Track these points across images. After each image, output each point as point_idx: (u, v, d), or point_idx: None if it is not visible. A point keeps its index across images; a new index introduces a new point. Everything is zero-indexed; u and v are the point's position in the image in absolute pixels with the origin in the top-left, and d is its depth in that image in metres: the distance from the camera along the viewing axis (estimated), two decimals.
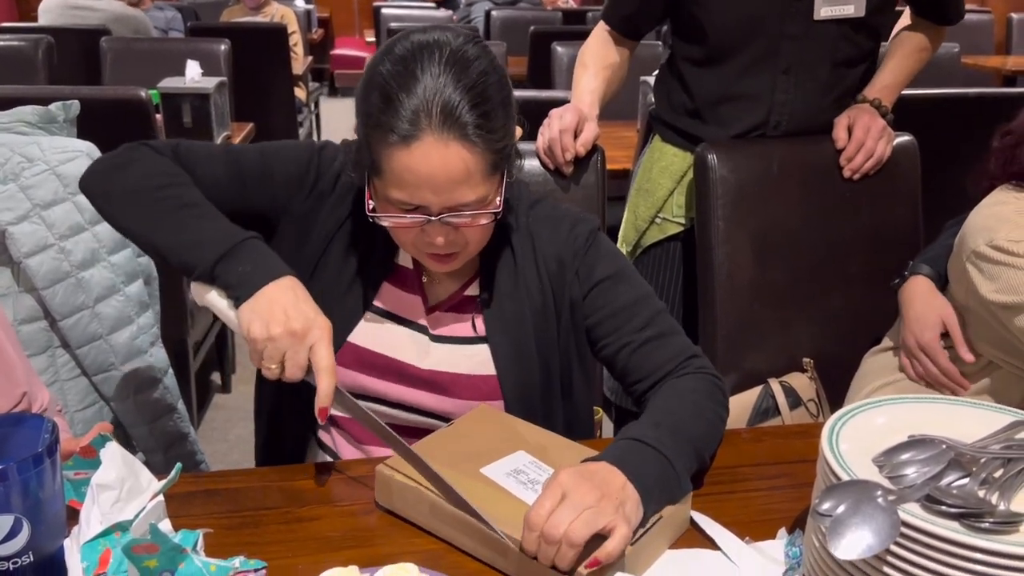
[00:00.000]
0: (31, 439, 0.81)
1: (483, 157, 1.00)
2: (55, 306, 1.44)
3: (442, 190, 0.99)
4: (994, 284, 1.28)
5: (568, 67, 3.28)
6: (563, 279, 1.16)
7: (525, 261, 1.16)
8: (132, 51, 3.30)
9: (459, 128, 0.97)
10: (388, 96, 0.98)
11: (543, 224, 1.18)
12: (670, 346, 1.13)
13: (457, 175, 0.98)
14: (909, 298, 1.47)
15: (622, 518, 0.85)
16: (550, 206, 1.22)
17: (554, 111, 1.52)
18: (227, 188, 1.14)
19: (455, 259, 1.09)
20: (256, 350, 0.98)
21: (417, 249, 1.08)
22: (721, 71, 1.61)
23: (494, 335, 1.14)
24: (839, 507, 0.75)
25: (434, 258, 1.08)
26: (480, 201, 1.02)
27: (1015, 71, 4.37)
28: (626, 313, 1.14)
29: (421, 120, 0.96)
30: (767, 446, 1.17)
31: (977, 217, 1.35)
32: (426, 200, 1.00)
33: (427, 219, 1.02)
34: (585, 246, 1.17)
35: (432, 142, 0.97)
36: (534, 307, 1.15)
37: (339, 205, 1.16)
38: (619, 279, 1.16)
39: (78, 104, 1.59)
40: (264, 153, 1.17)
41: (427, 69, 0.98)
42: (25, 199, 1.43)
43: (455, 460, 0.98)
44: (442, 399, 1.15)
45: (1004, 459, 0.82)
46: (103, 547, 0.80)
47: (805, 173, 1.64)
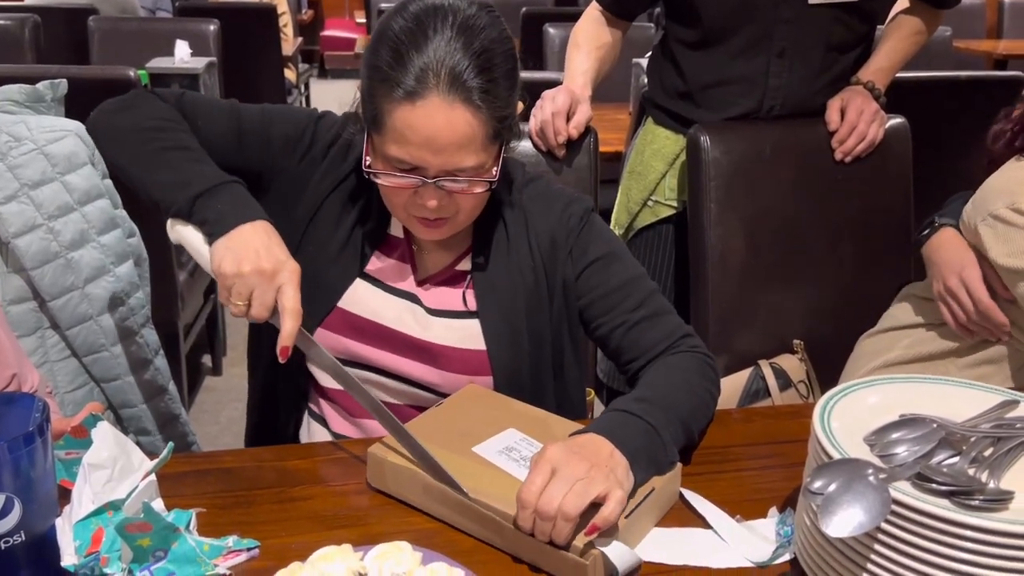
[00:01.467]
0: (22, 418, 0.81)
1: (486, 123, 1.00)
2: (44, 287, 1.43)
3: (442, 151, 0.99)
4: (1007, 247, 1.28)
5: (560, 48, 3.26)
6: (556, 258, 1.16)
7: (518, 238, 1.16)
8: (120, 31, 3.27)
9: (465, 91, 0.98)
10: (398, 51, 0.98)
11: (537, 202, 1.18)
12: (663, 325, 1.14)
13: (459, 138, 0.99)
14: (937, 247, 1.43)
15: (615, 483, 0.86)
16: (544, 184, 1.22)
17: (546, 93, 1.52)
18: (225, 142, 1.15)
19: (444, 226, 1.08)
20: (225, 286, 0.99)
21: (407, 213, 1.08)
22: (715, 54, 1.60)
23: (485, 310, 1.14)
24: (830, 485, 0.75)
25: (423, 223, 1.08)
26: (477, 168, 1.02)
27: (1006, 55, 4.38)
28: (620, 293, 1.15)
29: (429, 78, 0.97)
30: (758, 426, 1.18)
31: (997, 180, 1.33)
32: (424, 161, 1.00)
33: (422, 181, 1.02)
34: (579, 226, 1.17)
35: (438, 102, 0.97)
36: (526, 284, 1.15)
37: (331, 171, 1.16)
38: (613, 259, 1.17)
39: (66, 83, 1.57)
40: (265, 112, 1.18)
41: (439, 31, 0.99)
42: (13, 179, 1.41)
43: (446, 439, 0.98)
44: (431, 370, 1.15)
45: (994, 438, 0.83)
46: (95, 526, 0.80)
47: (798, 155, 1.64)
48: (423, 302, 1.16)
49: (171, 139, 1.10)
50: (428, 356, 1.15)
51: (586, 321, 1.18)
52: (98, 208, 1.50)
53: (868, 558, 0.76)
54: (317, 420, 1.23)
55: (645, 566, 0.88)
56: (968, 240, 1.38)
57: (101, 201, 1.51)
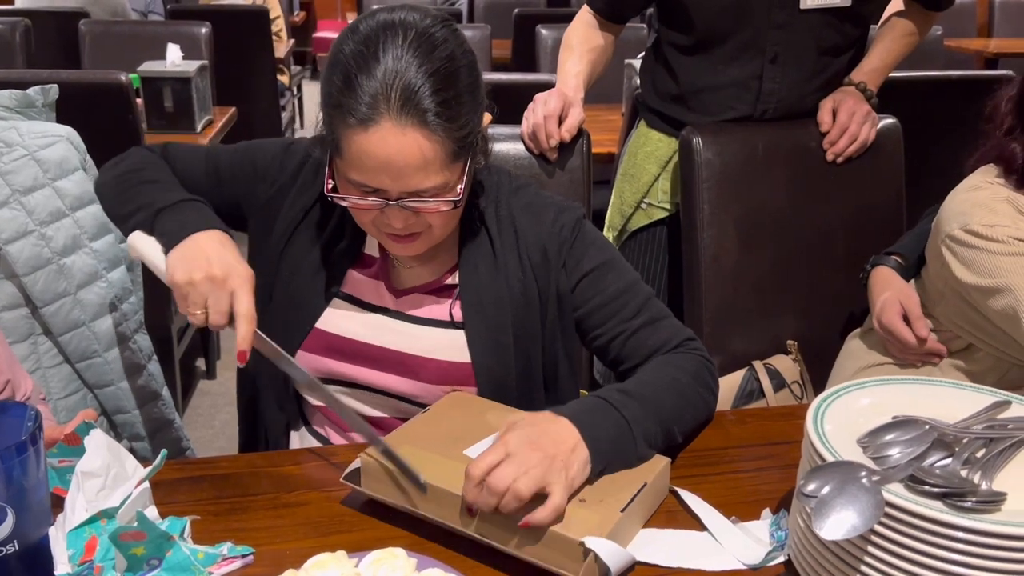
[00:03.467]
0: (14, 427, 0.81)
1: (443, 145, 0.98)
2: (36, 293, 1.43)
3: (400, 176, 0.98)
4: (968, 267, 1.30)
5: (553, 50, 3.26)
6: (548, 270, 1.14)
7: (506, 250, 1.14)
8: (111, 34, 3.25)
9: (418, 114, 0.96)
10: (348, 77, 0.97)
11: (525, 212, 1.16)
12: (663, 330, 1.13)
13: (414, 161, 0.97)
14: (871, 286, 1.50)
15: (563, 484, 0.87)
16: (533, 193, 1.20)
17: (539, 96, 1.52)
18: (203, 180, 1.20)
19: (416, 240, 1.07)
20: (180, 295, 1.00)
21: (378, 230, 1.08)
22: (707, 58, 1.61)
23: (471, 322, 1.13)
24: (824, 488, 0.75)
25: (394, 239, 1.07)
26: (439, 188, 1.01)
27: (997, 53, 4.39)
28: (617, 303, 1.14)
29: (380, 104, 0.95)
30: (752, 427, 1.18)
31: (953, 202, 1.36)
32: (384, 184, 0.99)
33: (385, 203, 1.01)
34: (572, 237, 1.15)
35: (390, 127, 0.95)
36: (514, 296, 1.14)
37: (301, 195, 1.17)
38: (607, 268, 1.15)
39: (57, 88, 1.57)
40: (239, 148, 1.23)
41: (389, 51, 0.96)
42: (4, 185, 1.41)
43: (437, 444, 0.98)
44: (413, 383, 1.14)
45: (986, 439, 0.83)
46: (89, 534, 0.79)
47: (790, 156, 1.64)
48: (405, 311, 1.15)
49: (146, 175, 1.16)
50: (409, 369, 1.14)
51: (583, 331, 1.17)
52: (90, 214, 1.50)
53: (862, 560, 0.76)
54: (306, 426, 1.22)
55: (639, 567, 0.88)
56: (934, 261, 1.40)
57: (93, 206, 1.51)
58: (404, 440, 0.98)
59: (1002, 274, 1.26)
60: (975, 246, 1.29)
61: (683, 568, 0.88)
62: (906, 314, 1.42)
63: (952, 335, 1.42)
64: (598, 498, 0.90)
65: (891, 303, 1.44)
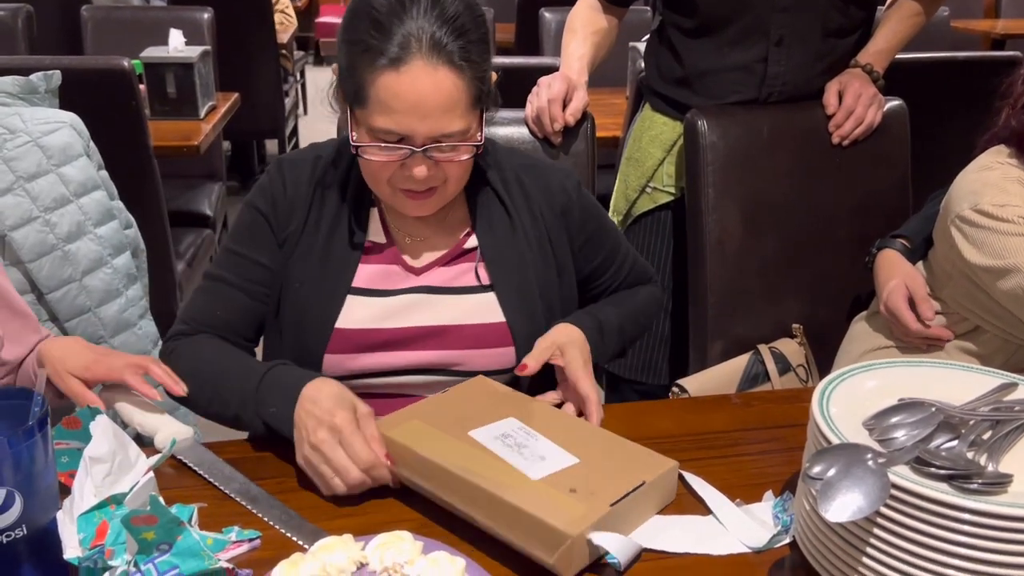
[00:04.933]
0: (21, 412, 0.81)
1: (469, 85, 1.03)
2: (42, 279, 1.43)
3: (428, 116, 1.01)
4: (977, 248, 1.29)
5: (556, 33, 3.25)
6: (559, 227, 1.22)
7: (518, 207, 1.20)
8: (113, 20, 3.24)
9: (447, 55, 1.01)
10: (379, 21, 1.01)
11: (529, 172, 1.22)
12: (639, 272, 1.33)
13: (443, 101, 1.01)
14: (877, 269, 1.50)
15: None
16: (527, 155, 1.28)
17: (542, 79, 1.51)
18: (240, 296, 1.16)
19: (433, 197, 1.09)
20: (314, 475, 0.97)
21: (393, 188, 1.09)
22: (712, 42, 1.59)
23: (499, 282, 1.16)
24: (829, 470, 0.75)
25: (411, 196, 1.09)
26: (463, 133, 1.05)
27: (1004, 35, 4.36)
28: (613, 258, 1.29)
29: (411, 44, 1.00)
30: (757, 411, 1.18)
31: (963, 181, 1.35)
32: (412, 128, 1.02)
33: (411, 151, 1.03)
34: (577, 199, 1.23)
35: (421, 66, 1.00)
36: (533, 253, 1.19)
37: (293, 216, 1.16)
38: (603, 230, 1.27)
39: (59, 74, 1.57)
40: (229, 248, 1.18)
41: (417, 15, 1.01)
42: (8, 171, 1.41)
43: (446, 424, 0.98)
44: (451, 352, 1.15)
45: (993, 421, 0.83)
46: (99, 519, 0.80)
47: (795, 139, 1.63)
48: (430, 285, 1.16)
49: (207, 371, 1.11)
50: (445, 340, 1.15)
51: (586, 280, 1.28)
52: (94, 200, 1.50)
53: (867, 542, 0.76)
54: None
55: (645, 554, 0.88)
56: (942, 242, 1.39)
57: (97, 192, 1.51)
58: (414, 415, 0.98)
59: (1011, 254, 1.25)
60: (985, 226, 1.28)
61: (689, 554, 0.88)
62: (912, 297, 1.42)
63: (959, 317, 1.41)
64: (590, 490, 0.89)
65: (897, 286, 1.43)
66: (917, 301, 1.41)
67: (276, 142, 4.60)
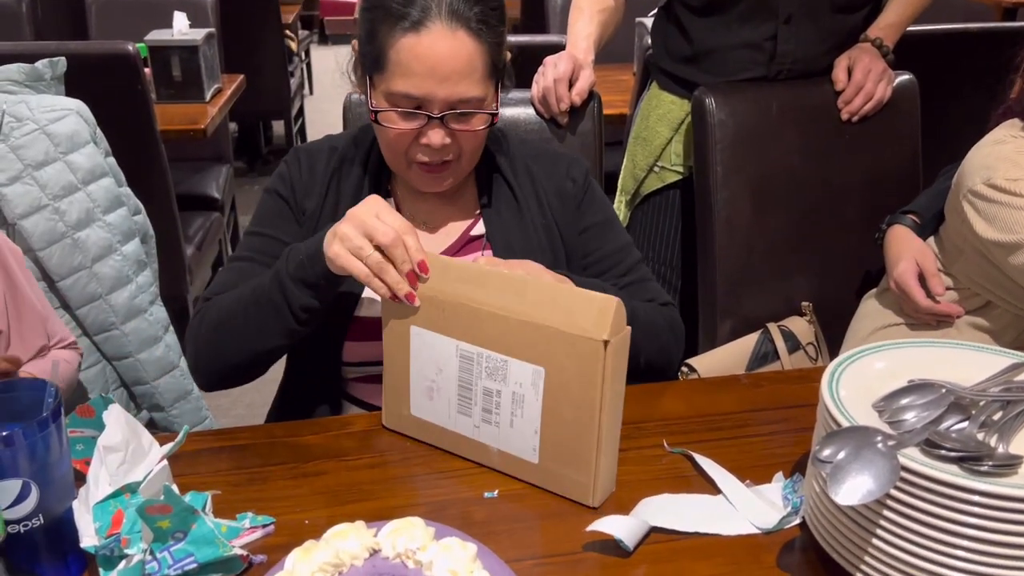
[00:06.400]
0: (35, 403, 0.82)
1: (486, 52, 1.06)
2: (52, 267, 1.44)
3: (447, 80, 1.04)
4: (990, 223, 1.28)
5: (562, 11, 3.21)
6: (565, 215, 1.22)
7: (526, 193, 1.21)
8: (117, 2, 3.22)
9: (465, 20, 1.04)
10: None
11: (537, 160, 1.24)
12: (649, 290, 1.22)
13: (461, 65, 1.04)
14: (887, 245, 1.49)
15: None
16: (539, 145, 1.29)
17: (548, 59, 1.50)
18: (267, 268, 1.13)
19: (447, 171, 1.12)
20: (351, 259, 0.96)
21: (408, 162, 1.11)
22: (720, 19, 1.58)
23: None
24: (839, 453, 0.75)
25: (426, 170, 1.11)
26: (480, 100, 1.08)
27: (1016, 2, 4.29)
28: (614, 258, 1.23)
29: (431, 9, 1.04)
30: (767, 391, 1.18)
31: (976, 156, 1.34)
32: (430, 91, 1.05)
33: (428, 117, 1.06)
34: (584, 185, 1.24)
35: (441, 29, 1.03)
36: (540, 239, 1.20)
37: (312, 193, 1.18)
38: (609, 226, 1.25)
39: (65, 61, 1.56)
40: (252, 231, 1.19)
41: None
42: (16, 159, 1.41)
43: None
44: None
45: (1003, 401, 0.83)
46: (114, 508, 0.81)
47: (804, 116, 1.62)
48: None
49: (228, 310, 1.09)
50: None
51: (583, 271, 1.23)
52: (102, 187, 1.50)
53: (878, 524, 0.76)
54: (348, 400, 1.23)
55: (654, 535, 0.89)
56: (954, 217, 1.38)
57: (105, 180, 1.51)
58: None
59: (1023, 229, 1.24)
60: (997, 201, 1.27)
61: (699, 533, 0.89)
62: (922, 272, 1.42)
63: (970, 293, 1.41)
64: None
65: (908, 262, 1.43)
66: (928, 277, 1.41)
67: (283, 123, 4.58)
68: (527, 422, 0.94)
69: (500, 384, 0.95)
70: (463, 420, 0.99)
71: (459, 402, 0.99)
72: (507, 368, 0.94)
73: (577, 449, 0.92)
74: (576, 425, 0.91)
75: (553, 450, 0.94)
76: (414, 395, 1.02)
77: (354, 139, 1.23)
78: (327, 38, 8.06)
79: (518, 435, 0.95)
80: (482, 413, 0.97)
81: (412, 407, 1.02)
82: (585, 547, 0.87)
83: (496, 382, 0.95)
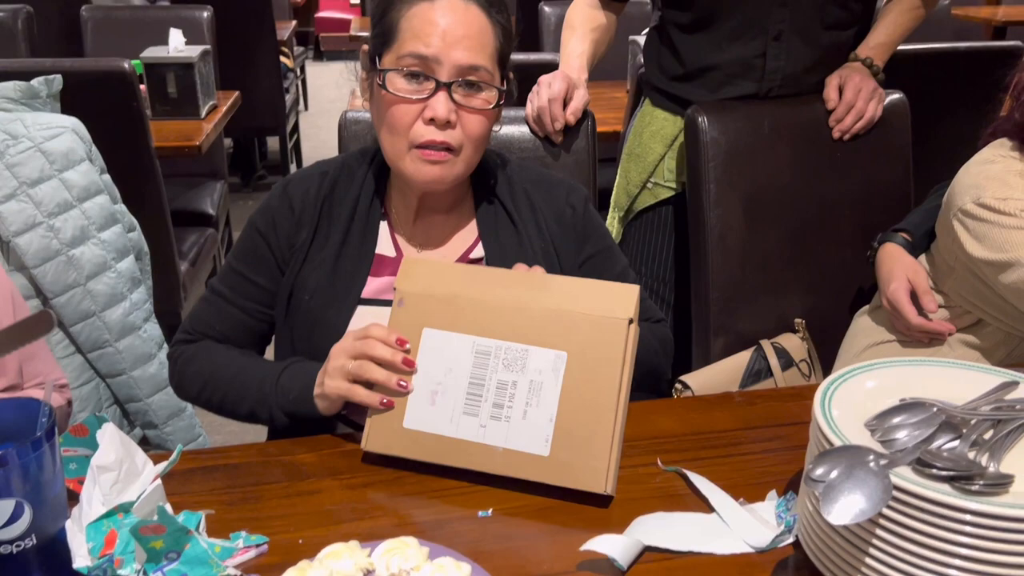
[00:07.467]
0: (29, 423, 0.82)
1: (495, 31, 1.10)
2: (46, 284, 1.44)
3: (458, 44, 1.07)
4: (980, 242, 1.29)
5: (556, 27, 3.24)
6: (565, 242, 1.23)
7: (525, 219, 1.22)
8: (113, 19, 3.24)
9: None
10: None
11: (537, 186, 1.25)
12: (646, 310, 1.27)
13: (474, 33, 1.08)
14: (878, 263, 1.50)
15: None
16: (537, 170, 1.29)
17: (543, 78, 1.51)
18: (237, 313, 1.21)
19: (447, 161, 1.11)
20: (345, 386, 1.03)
21: (411, 143, 1.10)
22: (710, 37, 1.59)
23: None
24: (832, 472, 0.76)
25: (426, 155, 1.10)
26: (487, 75, 1.10)
27: (1006, 21, 4.34)
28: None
29: None
30: (761, 409, 1.18)
31: (965, 175, 1.35)
32: (440, 51, 1.07)
33: (436, 83, 1.07)
34: (584, 212, 1.25)
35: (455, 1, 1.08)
36: (538, 262, 1.19)
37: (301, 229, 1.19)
38: (608, 253, 1.27)
39: (60, 79, 1.57)
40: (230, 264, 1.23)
41: None
42: (11, 177, 1.41)
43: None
44: None
45: (994, 420, 0.83)
46: (108, 528, 0.81)
47: (796, 134, 1.63)
48: None
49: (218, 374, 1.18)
50: None
51: None
52: (97, 204, 1.50)
53: (870, 543, 0.77)
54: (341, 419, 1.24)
55: (648, 554, 0.89)
56: (944, 235, 1.39)
57: (100, 197, 1.51)
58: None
59: (1014, 248, 1.25)
60: (987, 220, 1.28)
61: (692, 552, 0.89)
62: (914, 290, 1.42)
63: (961, 311, 1.41)
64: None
65: (899, 280, 1.44)
66: (919, 294, 1.42)
67: (277, 139, 4.60)
68: (542, 410, 0.97)
69: (517, 375, 0.99)
70: (468, 422, 0.99)
71: (467, 401, 0.99)
72: (527, 357, 0.98)
73: (593, 434, 0.95)
74: (595, 409, 0.95)
75: (567, 439, 0.96)
76: (412, 404, 1.01)
77: (346, 163, 1.24)
78: (322, 54, 8.09)
79: (530, 427, 0.97)
80: (492, 409, 0.99)
81: (407, 419, 1.01)
82: (579, 566, 0.87)
83: (513, 373, 0.99)
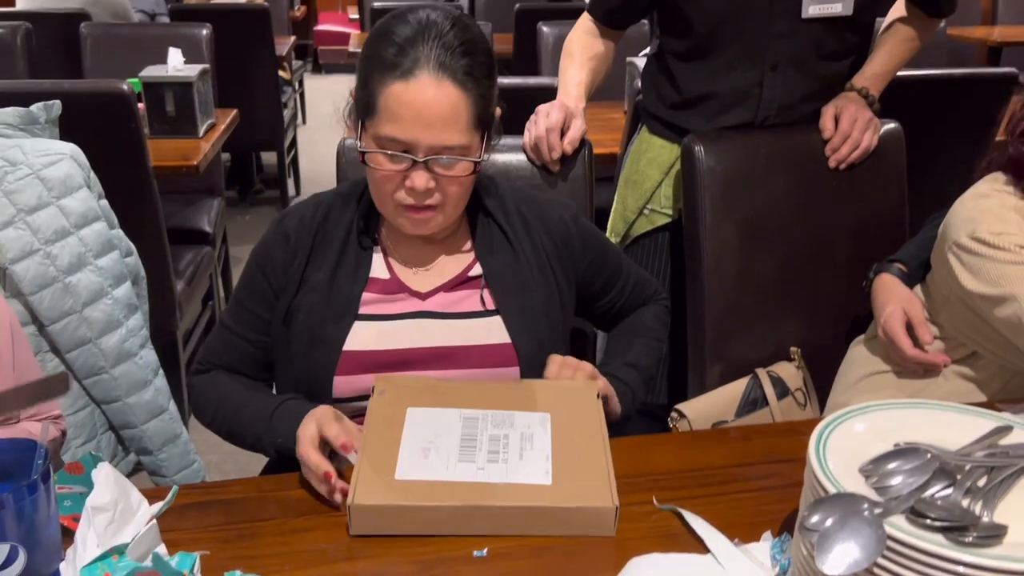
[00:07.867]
0: (25, 465, 0.82)
1: (471, 103, 1.11)
2: (43, 311, 1.44)
3: (431, 126, 1.09)
4: (975, 275, 1.30)
5: (554, 48, 3.25)
6: (560, 255, 1.28)
7: (519, 237, 1.25)
8: (112, 37, 3.25)
9: (452, 72, 1.10)
10: (396, 43, 1.11)
11: (529, 206, 1.29)
12: (644, 287, 1.41)
13: (446, 112, 1.10)
14: (874, 294, 1.51)
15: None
16: (529, 193, 1.34)
17: (541, 108, 1.52)
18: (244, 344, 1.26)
19: (432, 216, 1.15)
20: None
21: (396, 204, 1.15)
22: (707, 66, 1.60)
23: (505, 306, 1.22)
24: (827, 521, 0.76)
25: (412, 212, 1.15)
26: (464, 148, 1.12)
27: (1001, 42, 4.36)
28: (616, 276, 1.37)
29: (421, 61, 1.10)
30: (756, 444, 1.18)
31: (961, 209, 1.36)
32: (415, 136, 1.10)
33: (412, 161, 1.11)
34: (576, 226, 1.30)
35: (428, 79, 1.09)
36: (535, 277, 1.24)
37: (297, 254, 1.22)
38: (604, 250, 1.35)
39: (59, 104, 1.57)
40: (236, 296, 1.28)
41: (429, 39, 1.11)
42: (9, 204, 1.41)
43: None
44: (457, 372, 1.19)
45: (988, 467, 0.84)
46: (102, 571, 0.80)
47: (792, 163, 1.64)
48: (435, 310, 1.21)
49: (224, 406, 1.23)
50: (452, 360, 1.20)
51: (590, 303, 1.37)
52: (95, 231, 1.50)
53: None
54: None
55: None
56: (940, 268, 1.40)
57: (97, 224, 1.51)
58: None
59: (1008, 283, 1.26)
60: (982, 254, 1.29)
61: None
62: (909, 321, 1.43)
63: (957, 343, 1.42)
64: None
65: (895, 311, 1.44)
66: (915, 325, 1.42)
67: (275, 153, 4.60)
68: (537, 452, 1.03)
69: (507, 430, 1.05)
70: (464, 467, 1.00)
71: (461, 451, 1.02)
72: (513, 419, 1.07)
73: (590, 463, 1.02)
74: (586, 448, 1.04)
75: (566, 469, 1.01)
76: (403, 459, 1.01)
77: (339, 193, 1.27)
78: (320, 67, 8.11)
79: (528, 464, 1.01)
80: (488, 455, 1.02)
81: (399, 472, 1.00)
82: None
83: (503, 429, 1.04)
